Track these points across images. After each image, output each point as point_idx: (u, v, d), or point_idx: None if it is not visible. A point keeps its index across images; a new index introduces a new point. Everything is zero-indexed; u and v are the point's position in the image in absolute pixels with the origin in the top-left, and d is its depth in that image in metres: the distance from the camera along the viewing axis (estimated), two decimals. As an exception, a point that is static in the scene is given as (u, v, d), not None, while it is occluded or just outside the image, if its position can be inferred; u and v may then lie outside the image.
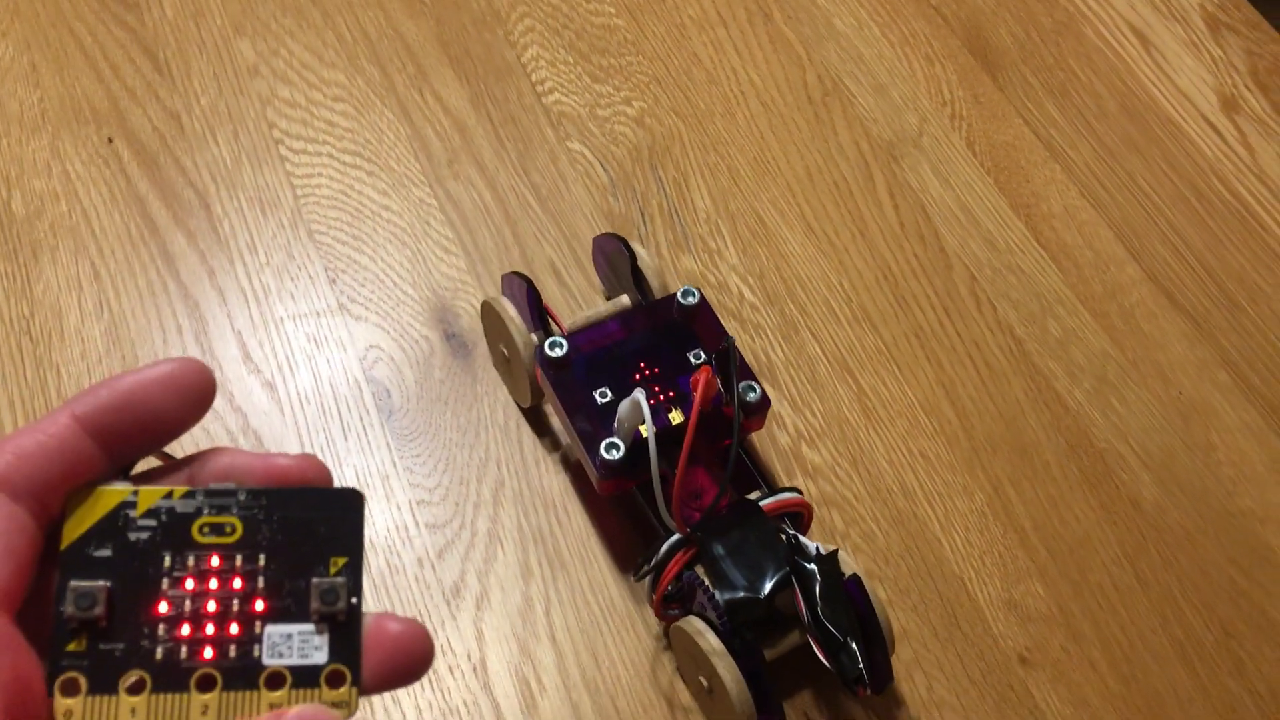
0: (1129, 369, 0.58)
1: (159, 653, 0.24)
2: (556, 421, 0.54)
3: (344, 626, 0.25)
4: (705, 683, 0.44)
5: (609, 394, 0.47)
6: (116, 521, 0.25)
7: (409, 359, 0.56)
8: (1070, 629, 0.50)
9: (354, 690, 0.25)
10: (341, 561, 0.25)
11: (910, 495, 0.54)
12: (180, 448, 0.27)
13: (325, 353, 0.56)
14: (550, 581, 0.51)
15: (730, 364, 0.46)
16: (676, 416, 0.46)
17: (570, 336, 0.48)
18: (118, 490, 0.25)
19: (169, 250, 0.58)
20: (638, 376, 0.47)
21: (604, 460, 0.45)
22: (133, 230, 0.58)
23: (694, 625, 0.44)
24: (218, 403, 0.54)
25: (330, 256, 0.59)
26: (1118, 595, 0.51)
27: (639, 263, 0.52)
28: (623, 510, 0.52)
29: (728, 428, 0.46)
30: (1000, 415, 0.56)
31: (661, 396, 0.47)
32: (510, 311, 0.50)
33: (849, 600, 0.43)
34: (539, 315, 0.51)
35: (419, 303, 0.58)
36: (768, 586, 0.43)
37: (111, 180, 0.60)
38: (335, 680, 0.25)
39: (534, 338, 0.50)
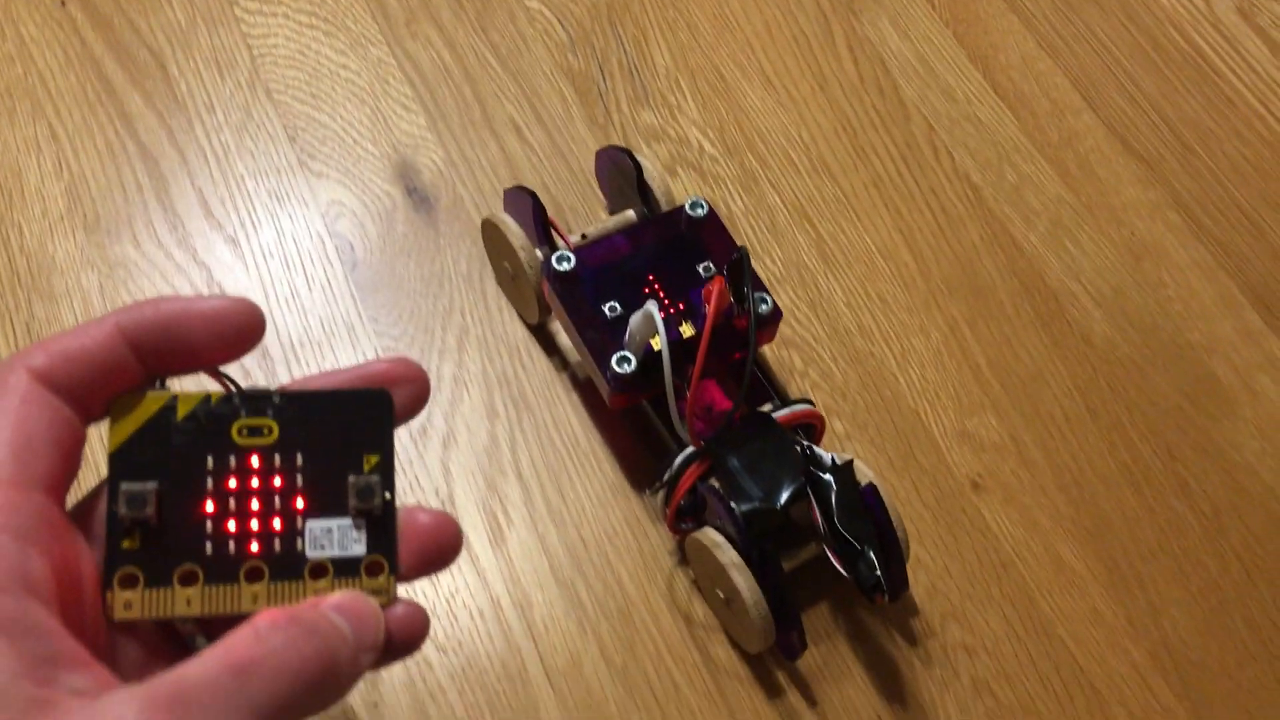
0: (1083, 212, 0.59)
1: (209, 547, 0.25)
2: (565, 339, 0.53)
3: (380, 520, 0.26)
4: (723, 595, 0.44)
5: (618, 308, 0.46)
6: (159, 425, 0.26)
7: (371, 214, 0.56)
8: (1022, 457, 0.52)
9: (391, 579, 0.26)
10: (374, 459, 0.27)
11: (868, 335, 0.55)
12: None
13: (287, 209, 0.56)
14: (515, 422, 0.52)
15: (743, 275, 0.45)
16: (687, 329, 0.46)
17: (577, 251, 0.47)
18: (159, 395, 0.26)
19: (126, 110, 0.58)
20: (646, 290, 0.47)
21: (615, 374, 0.45)
22: (89, 92, 0.58)
23: (710, 537, 0.44)
24: (179, 254, 0.54)
25: (289, 115, 0.59)
26: (1068, 425, 0.53)
27: (645, 175, 0.51)
28: (633, 425, 0.51)
29: (738, 340, 0.46)
30: (956, 259, 0.57)
31: (671, 310, 0.46)
32: (513, 227, 0.50)
33: (865, 509, 0.43)
34: (544, 230, 0.50)
35: (380, 159, 0.58)
36: (784, 497, 0.43)
37: (66, 43, 0.59)
38: (374, 570, 0.26)
39: (539, 253, 0.49)
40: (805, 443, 0.45)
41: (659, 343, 0.44)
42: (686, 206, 0.48)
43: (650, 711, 0.46)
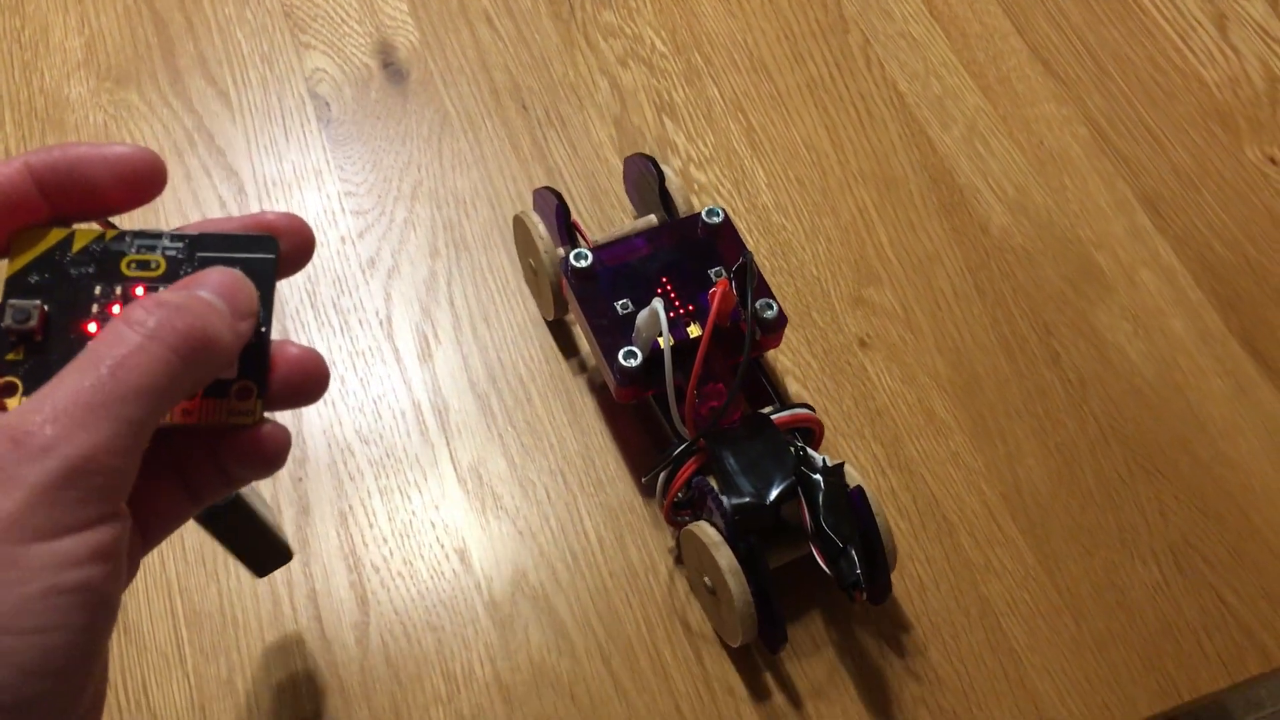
0: (998, 122, 0.63)
1: None
2: (582, 339, 0.55)
3: (253, 349, 0.28)
4: (710, 585, 0.46)
5: (630, 305, 0.48)
6: (54, 256, 0.27)
7: (349, 80, 0.63)
8: (909, 323, 0.57)
9: (259, 403, 0.28)
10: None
11: (783, 211, 0.60)
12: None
13: (276, 71, 0.63)
14: (454, 260, 0.58)
15: (747, 279, 0.47)
16: (695, 330, 0.47)
17: (595, 250, 0.49)
18: (58, 231, 0.28)
19: (145, -18, 0.65)
20: (659, 290, 0.48)
21: (621, 367, 0.46)
22: (114, -36, 0.66)
23: (701, 528, 0.45)
24: (175, 103, 0.61)
25: (287, -5, 0.66)
26: (956, 299, 0.58)
27: (666, 183, 0.53)
28: (640, 420, 0.53)
29: (744, 343, 0.47)
30: (874, 153, 0.62)
31: (681, 310, 0.48)
32: (538, 225, 0.52)
33: (851, 510, 0.44)
34: (567, 230, 0.52)
35: (363, 37, 0.65)
36: (774, 494, 0.44)
37: (98, -77, 0.67)
38: (243, 394, 0.28)
39: (560, 251, 0.51)
40: (799, 444, 0.47)
41: (663, 339, 0.45)
42: (703, 214, 0.50)
43: (540, 506, 0.51)
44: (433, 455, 0.52)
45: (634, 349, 0.47)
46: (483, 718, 0.47)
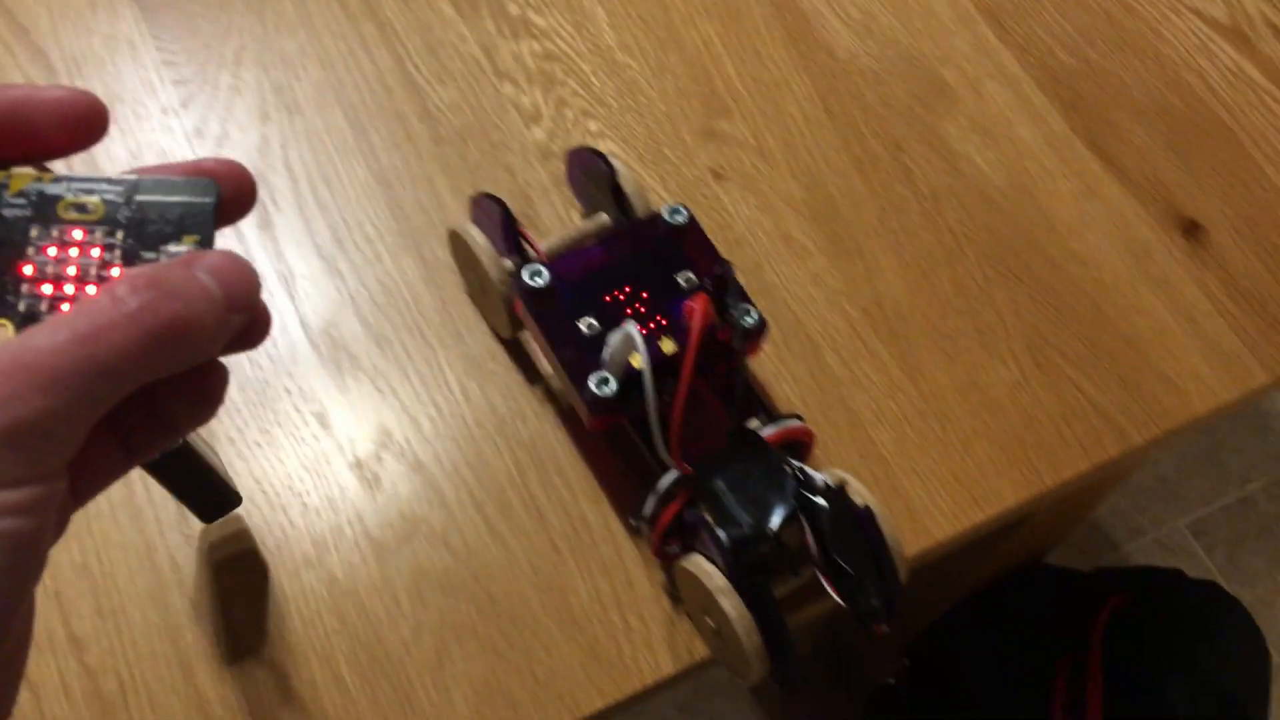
0: (838, -54, 0.62)
1: (22, 305, 0.27)
2: (542, 359, 0.50)
3: None
4: (713, 624, 0.42)
5: (595, 324, 0.43)
6: None
7: (157, -54, 0.59)
8: (762, 151, 0.56)
9: None
10: (193, 239, 0.27)
11: (627, 50, 0.58)
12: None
13: (75, -59, 0.59)
14: (287, 124, 0.55)
15: (728, 294, 0.43)
16: (668, 345, 0.43)
17: (550, 264, 0.45)
18: None
19: None
20: (623, 298, 0.44)
21: (594, 396, 0.42)
22: None
23: (698, 564, 0.41)
24: (-33, -22, 0.57)
25: None
26: (806, 125, 0.57)
27: (619, 179, 0.48)
28: (614, 446, 0.49)
29: (722, 353, 0.44)
30: (715, -15, 0.61)
31: (651, 324, 0.44)
32: (480, 240, 0.47)
33: (861, 534, 0.41)
34: (514, 240, 0.47)
35: (168, -101, 0.60)
36: (775, 523, 0.40)
37: None
38: None
39: (509, 263, 0.46)
40: (797, 464, 0.43)
41: (639, 361, 0.41)
42: (665, 213, 0.46)
43: (399, 362, 0.50)
44: (281, 322, 0.50)
45: (606, 375, 0.42)
46: (355, 574, 0.46)
